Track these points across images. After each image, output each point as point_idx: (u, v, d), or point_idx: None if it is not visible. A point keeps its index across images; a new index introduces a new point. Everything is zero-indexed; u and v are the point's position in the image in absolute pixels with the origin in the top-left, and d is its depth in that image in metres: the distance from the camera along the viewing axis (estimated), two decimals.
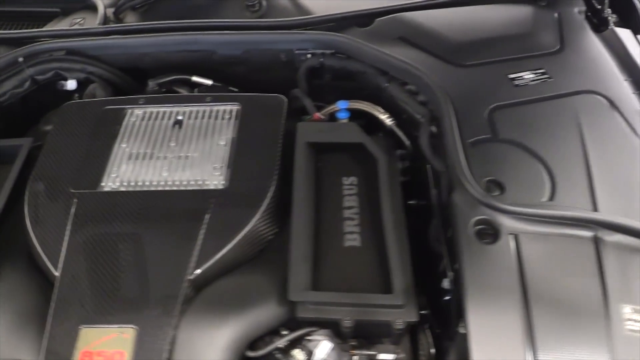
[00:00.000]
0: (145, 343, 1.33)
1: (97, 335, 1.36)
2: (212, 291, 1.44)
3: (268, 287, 1.44)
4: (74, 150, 1.74)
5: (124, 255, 1.47)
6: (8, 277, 1.53)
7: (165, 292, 1.40)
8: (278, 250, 1.54)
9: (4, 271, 1.53)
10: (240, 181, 1.60)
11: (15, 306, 1.46)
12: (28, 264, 1.57)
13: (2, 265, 1.55)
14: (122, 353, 1.33)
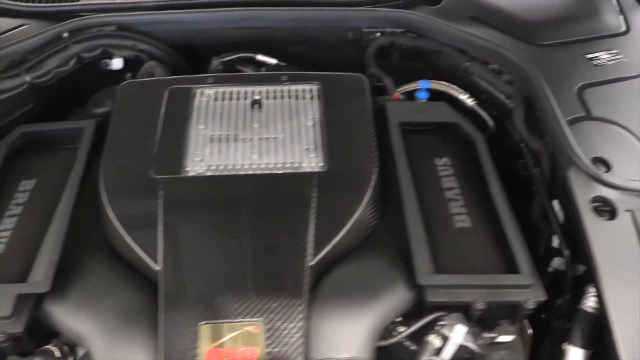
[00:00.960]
0: (278, 337, 1.23)
1: (220, 331, 1.24)
2: (335, 279, 1.36)
3: (392, 272, 1.37)
4: (144, 133, 1.59)
5: (231, 244, 1.35)
6: (99, 274, 1.37)
7: (288, 281, 1.30)
8: (385, 234, 1.48)
9: (94, 268, 1.38)
10: (340, 163, 1.52)
11: (114, 304, 1.31)
12: (113, 258, 1.42)
13: (89, 262, 1.39)
14: (254, 350, 1.22)
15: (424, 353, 1.29)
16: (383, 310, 1.31)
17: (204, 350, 1.21)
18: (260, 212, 1.41)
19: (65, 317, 1.30)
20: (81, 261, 1.40)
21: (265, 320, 1.25)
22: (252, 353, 1.22)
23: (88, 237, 1.47)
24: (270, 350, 1.21)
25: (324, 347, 1.24)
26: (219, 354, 1.21)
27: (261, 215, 1.41)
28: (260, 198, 1.44)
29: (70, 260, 1.38)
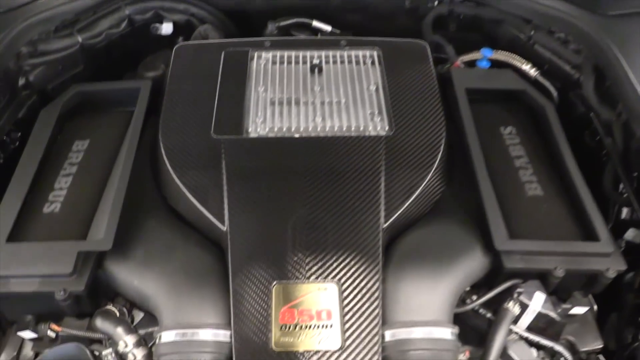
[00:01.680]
0: (353, 298, 1.18)
1: (294, 292, 1.19)
2: (410, 242, 1.31)
3: (467, 237, 1.32)
4: (201, 95, 1.54)
5: (300, 205, 1.30)
6: (161, 234, 1.33)
7: (362, 244, 1.25)
8: (454, 201, 1.43)
9: (156, 228, 1.34)
10: (407, 129, 1.46)
11: (180, 263, 1.27)
12: (174, 220, 1.38)
13: (150, 223, 1.35)
14: (329, 312, 1.18)
15: (502, 320, 1.23)
16: (460, 274, 1.26)
17: (277, 311, 1.17)
18: (329, 175, 1.36)
19: (128, 277, 1.26)
20: (142, 222, 1.35)
21: (340, 281, 1.20)
22: (327, 315, 1.17)
23: (147, 199, 1.43)
24: (345, 311, 1.17)
25: (402, 310, 1.19)
26: (292, 314, 1.16)
27: (330, 177, 1.36)
28: (328, 160, 1.39)
29: (130, 220, 1.34)
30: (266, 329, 1.15)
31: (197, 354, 1.13)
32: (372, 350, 1.13)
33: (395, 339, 1.16)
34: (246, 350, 1.13)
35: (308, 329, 1.16)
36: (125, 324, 1.25)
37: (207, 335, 1.15)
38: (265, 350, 1.13)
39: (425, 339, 1.15)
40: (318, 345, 1.14)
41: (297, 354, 1.12)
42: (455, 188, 1.46)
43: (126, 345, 1.21)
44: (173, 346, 1.15)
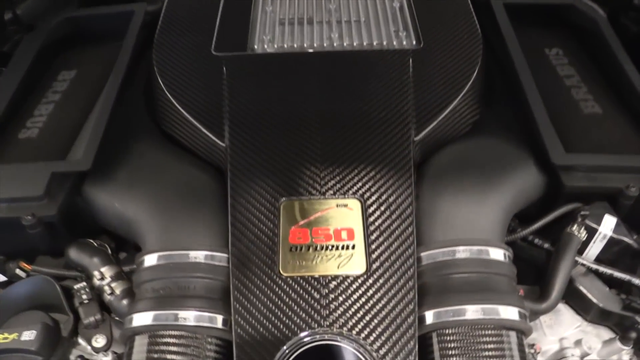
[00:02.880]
0: (380, 217, 0.96)
1: (307, 209, 0.97)
2: (449, 156, 1.08)
3: (517, 151, 1.09)
4: (202, 13, 1.36)
5: (316, 117, 1.09)
6: (151, 155, 1.13)
7: (389, 156, 1.03)
8: (496, 121, 1.21)
9: (145, 150, 1.14)
10: (439, 43, 1.25)
11: (171, 183, 1.06)
12: (167, 143, 1.18)
13: (140, 145, 1.15)
14: (350, 230, 0.95)
15: (567, 247, 0.99)
16: (511, 189, 1.02)
17: (287, 230, 0.95)
18: (348, 87, 1.15)
19: (108, 200, 1.05)
20: (129, 145, 1.16)
21: (364, 197, 0.98)
22: (348, 234, 0.94)
23: (138, 125, 1.23)
24: (370, 230, 0.94)
25: (442, 229, 0.96)
26: (305, 234, 0.94)
27: (349, 90, 1.15)
28: (347, 73, 1.18)
29: (116, 144, 1.14)
30: (271, 250, 0.93)
31: (185, 279, 0.91)
32: (405, 274, 0.90)
33: (435, 261, 0.93)
34: (246, 275, 0.90)
35: (325, 250, 0.93)
36: (104, 255, 1.04)
37: (199, 257, 0.93)
38: (270, 275, 0.90)
39: (473, 260, 0.91)
40: (337, 269, 0.91)
41: (310, 280, 0.90)
42: (497, 111, 1.24)
43: (102, 278, 0.99)
44: (157, 271, 0.93)
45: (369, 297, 0.88)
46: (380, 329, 0.86)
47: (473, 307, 0.86)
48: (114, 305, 0.98)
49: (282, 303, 0.88)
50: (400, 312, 0.87)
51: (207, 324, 0.88)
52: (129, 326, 0.89)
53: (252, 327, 0.86)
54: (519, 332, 0.88)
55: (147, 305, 0.90)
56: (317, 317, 0.87)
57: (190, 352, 0.86)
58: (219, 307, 0.90)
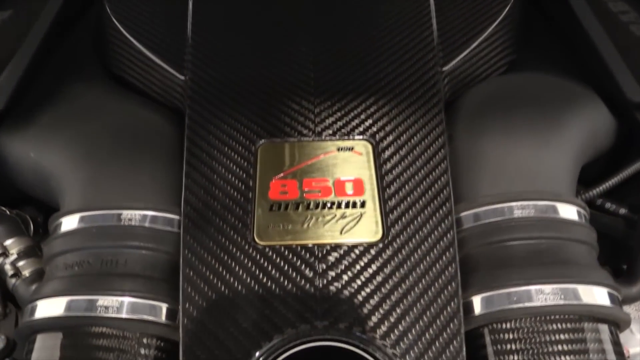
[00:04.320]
0: (399, 164, 0.67)
1: (295, 154, 0.68)
2: (491, 90, 0.80)
3: (580, 87, 0.81)
4: None
5: (308, 38, 0.81)
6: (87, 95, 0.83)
7: (408, 87, 0.75)
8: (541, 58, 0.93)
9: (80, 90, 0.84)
10: None
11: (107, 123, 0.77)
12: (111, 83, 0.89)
13: (73, 87, 0.85)
14: (358, 182, 0.66)
15: None
16: (579, 130, 0.73)
17: (265, 182, 0.66)
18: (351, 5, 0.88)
19: (25, 149, 0.75)
20: (64, 88, 0.86)
21: (376, 137, 0.70)
22: (355, 186, 0.66)
23: (80, 67, 0.94)
24: (387, 182, 0.66)
25: (489, 180, 0.67)
26: (292, 186, 0.65)
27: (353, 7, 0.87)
28: None
29: (47, 89, 0.86)
30: (242, 209, 0.64)
31: (113, 251, 0.62)
32: (440, 242, 0.61)
33: (482, 223, 0.64)
34: (204, 244, 0.61)
35: (321, 209, 0.64)
36: (12, 224, 0.74)
37: (135, 219, 0.64)
38: (240, 244, 0.61)
39: (537, 220, 0.63)
40: (340, 235, 0.62)
41: (299, 250, 0.61)
42: (541, 52, 0.96)
43: (5, 254, 0.70)
44: (73, 238, 0.63)
45: (387, 275, 0.59)
46: (406, 324, 0.57)
47: (545, 288, 0.58)
48: (20, 292, 0.68)
49: (257, 285, 0.59)
50: (435, 297, 0.58)
51: (143, 316, 0.58)
52: (27, 319, 0.60)
53: (211, 321, 0.57)
54: (611, 323, 0.60)
55: (54, 289, 0.60)
56: (310, 304, 0.58)
57: (115, 358, 0.56)
58: (160, 292, 0.60)
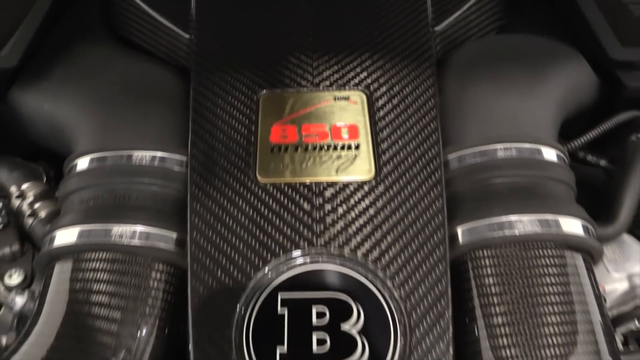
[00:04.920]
0: (392, 112, 0.72)
1: (295, 102, 0.73)
2: (480, 47, 0.85)
3: (564, 46, 0.86)
4: None
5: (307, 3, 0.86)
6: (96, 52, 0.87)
7: (403, 45, 0.79)
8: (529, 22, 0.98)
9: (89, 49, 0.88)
10: None
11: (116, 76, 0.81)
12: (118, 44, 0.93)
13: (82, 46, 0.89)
14: (353, 127, 0.71)
15: (635, 157, 0.76)
16: (562, 81, 0.78)
17: (267, 127, 0.71)
18: None
19: (39, 101, 0.80)
20: (73, 46, 0.91)
21: (370, 88, 0.74)
22: (350, 131, 0.70)
23: (89, 28, 0.98)
24: (380, 126, 0.70)
25: (476, 126, 0.72)
26: (292, 131, 0.70)
27: None
28: None
29: (57, 48, 0.90)
30: (245, 150, 0.69)
31: (125, 186, 0.67)
32: (429, 180, 0.66)
33: (468, 163, 0.69)
34: (210, 181, 0.66)
35: (318, 150, 0.69)
36: (28, 169, 0.79)
37: (145, 159, 0.69)
38: (243, 181, 0.66)
39: (520, 160, 0.68)
40: (335, 174, 0.67)
41: (298, 187, 0.66)
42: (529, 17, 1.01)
43: (22, 196, 0.75)
44: (88, 176, 0.68)
45: (379, 208, 0.64)
46: (396, 249, 0.62)
47: (523, 218, 0.63)
48: (36, 231, 0.73)
49: (258, 217, 0.64)
50: (422, 227, 0.63)
51: (153, 243, 0.63)
52: (45, 249, 0.65)
53: (216, 248, 0.62)
54: (585, 252, 0.65)
55: (70, 220, 0.65)
56: (307, 234, 0.62)
57: (128, 281, 0.61)
58: (169, 223, 0.65)
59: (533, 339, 0.58)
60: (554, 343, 0.57)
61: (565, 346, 0.58)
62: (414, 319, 0.57)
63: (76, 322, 0.60)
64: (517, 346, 0.57)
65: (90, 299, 0.60)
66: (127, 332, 0.59)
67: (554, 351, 0.57)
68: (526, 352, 0.57)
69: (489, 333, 0.59)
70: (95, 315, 0.59)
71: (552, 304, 0.60)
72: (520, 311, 0.59)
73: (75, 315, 0.60)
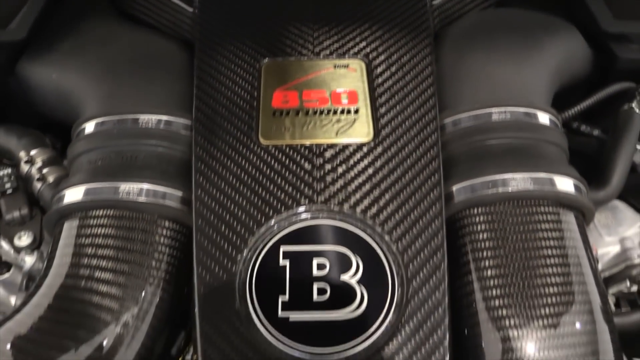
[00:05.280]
0: (390, 79, 0.74)
1: (296, 70, 0.75)
2: (475, 19, 0.87)
3: (558, 19, 0.88)
4: None
5: None
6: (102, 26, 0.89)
7: (402, 16, 0.81)
8: None
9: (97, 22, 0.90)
10: None
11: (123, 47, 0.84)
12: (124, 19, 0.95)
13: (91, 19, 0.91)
14: (352, 92, 0.73)
15: (627, 125, 0.78)
16: (556, 52, 0.80)
17: (269, 93, 0.73)
18: None
19: (47, 72, 0.82)
20: (80, 21, 0.93)
21: (368, 57, 0.77)
22: (349, 97, 0.73)
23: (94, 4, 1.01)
24: (378, 92, 0.72)
25: (469, 92, 0.74)
26: (293, 97, 0.72)
27: None
28: None
29: (64, 22, 0.92)
30: (248, 115, 0.71)
31: (133, 147, 0.69)
32: (425, 142, 0.68)
33: (464, 126, 0.71)
34: (214, 142, 0.68)
35: (319, 115, 0.71)
36: (37, 136, 0.81)
37: (151, 122, 0.71)
38: (246, 143, 0.68)
39: (514, 122, 0.70)
40: (335, 136, 0.69)
41: (299, 148, 0.68)
42: None
43: (31, 161, 0.77)
44: (95, 139, 0.70)
45: (377, 168, 0.66)
46: (393, 206, 0.64)
47: (516, 176, 0.65)
48: (45, 195, 0.75)
49: (261, 176, 0.66)
50: (419, 186, 0.65)
51: (159, 201, 0.65)
52: (55, 207, 0.67)
53: (220, 205, 0.64)
54: (577, 210, 0.67)
55: (79, 179, 0.67)
56: (308, 192, 0.65)
57: (135, 236, 0.64)
58: (175, 182, 0.68)
59: (525, 291, 0.60)
60: (546, 293, 0.59)
61: (558, 296, 0.60)
62: (410, 271, 0.59)
63: (84, 276, 0.62)
64: (509, 296, 0.59)
65: (98, 254, 0.62)
66: (133, 287, 0.61)
67: (545, 300, 0.59)
68: (518, 302, 0.59)
69: (483, 285, 0.61)
70: (102, 268, 0.61)
71: (545, 258, 0.62)
72: (512, 265, 0.61)
73: (83, 270, 0.62)
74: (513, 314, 0.59)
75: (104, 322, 0.59)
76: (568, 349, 0.58)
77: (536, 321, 0.59)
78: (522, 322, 0.58)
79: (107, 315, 0.59)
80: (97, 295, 0.60)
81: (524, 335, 0.58)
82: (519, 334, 0.58)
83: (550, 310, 0.59)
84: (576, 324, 0.59)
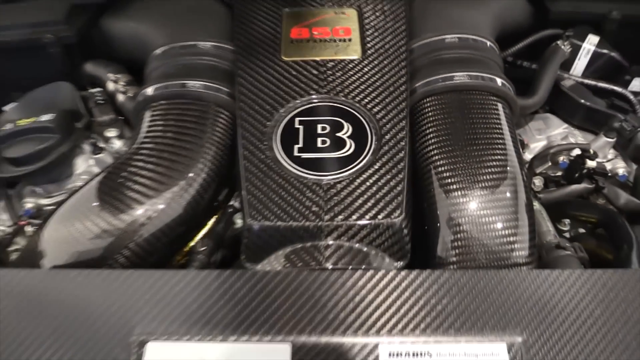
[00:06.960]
0: (375, 20, 1.03)
1: (308, 15, 1.04)
2: None
3: None
4: None
5: None
6: None
7: None
8: None
9: None
10: None
11: None
12: None
13: None
14: (347, 29, 1.02)
15: (552, 56, 1.06)
16: (497, 3, 1.10)
17: (288, 29, 1.02)
18: None
19: (124, 24, 1.14)
20: None
21: (360, 7, 1.06)
22: (345, 31, 1.01)
23: None
24: (366, 29, 1.01)
25: (432, 25, 1.03)
26: (306, 31, 1.01)
27: None
28: None
29: None
30: (274, 42, 1.00)
31: (194, 61, 0.99)
32: (398, 58, 0.96)
33: (426, 47, 0.99)
34: (250, 59, 0.97)
35: (323, 42, 1.00)
36: (120, 66, 1.11)
37: (206, 46, 1.01)
38: (272, 59, 0.97)
39: (462, 43, 0.98)
40: (335, 55, 0.98)
41: (310, 62, 0.96)
42: None
43: (116, 81, 1.07)
44: (165, 56, 1.01)
45: (364, 73, 0.94)
46: (374, 94, 0.92)
47: (460, 74, 0.93)
48: (126, 105, 1.05)
49: (284, 78, 0.94)
50: (393, 83, 0.93)
51: (213, 92, 0.94)
52: (141, 97, 0.96)
53: (256, 95, 0.92)
54: (504, 102, 0.93)
55: (155, 81, 0.96)
56: (316, 87, 0.93)
57: (197, 119, 0.92)
58: (224, 82, 0.97)
59: (465, 153, 0.85)
60: (480, 155, 0.85)
61: (493, 162, 0.85)
62: (384, 130, 0.86)
63: (157, 142, 0.89)
64: (453, 157, 0.84)
65: (170, 129, 0.91)
66: (196, 149, 0.88)
67: (483, 166, 0.85)
68: (458, 160, 0.84)
69: (436, 151, 0.86)
70: (172, 137, 0.90)
71: (481, 133, 0.88)
72: (457, 137, 0.88)
73: (158, 139, 0.90)
74: (457, 173, 0.84)
75: (177, 171, 0.86)
76: (499, 204, 0.82)
77: (477, 182, 0.84)
78: (466, 184, 0.83)
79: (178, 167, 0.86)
80: (168, 154, 0.88)
81: (467, 195, 0.83)
82: (463, 193, 0.83)
83: (488, 175, 0.85)
84: (505, 185, 0.84)
